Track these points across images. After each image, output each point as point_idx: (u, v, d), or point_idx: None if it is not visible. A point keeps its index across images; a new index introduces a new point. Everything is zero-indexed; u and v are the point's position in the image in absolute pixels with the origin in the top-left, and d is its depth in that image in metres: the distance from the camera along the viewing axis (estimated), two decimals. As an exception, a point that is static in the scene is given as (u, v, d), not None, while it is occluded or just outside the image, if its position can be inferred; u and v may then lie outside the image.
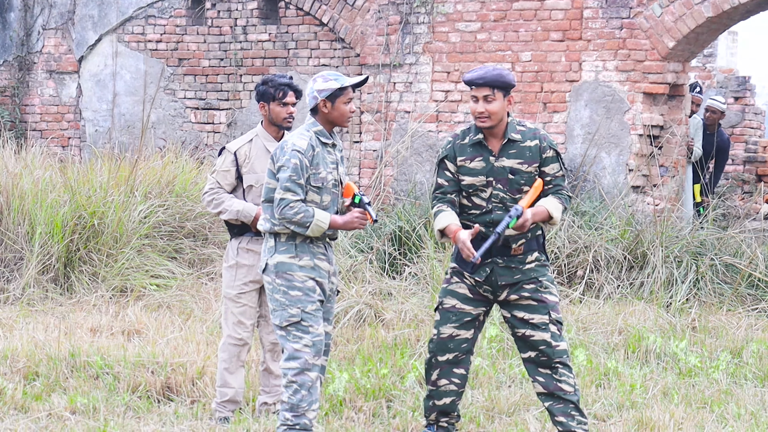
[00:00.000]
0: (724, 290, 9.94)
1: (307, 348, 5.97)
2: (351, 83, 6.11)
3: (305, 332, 5.98)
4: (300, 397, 5.96)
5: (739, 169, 17.33)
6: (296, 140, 6.03)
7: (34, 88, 15.25)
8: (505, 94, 6.09)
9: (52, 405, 6.86)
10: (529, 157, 6.11)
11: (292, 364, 5.97)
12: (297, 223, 5.96)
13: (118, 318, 9.06)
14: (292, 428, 5.99)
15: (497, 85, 6.06)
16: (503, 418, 6.80)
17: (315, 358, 5.99)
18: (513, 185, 6.10)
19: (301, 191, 5.97)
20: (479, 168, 6.13)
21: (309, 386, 5.97)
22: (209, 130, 14.22)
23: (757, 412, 6.91)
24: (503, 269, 6.14)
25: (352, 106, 6.15)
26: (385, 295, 9.58)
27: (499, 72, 6.08)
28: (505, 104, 6.09)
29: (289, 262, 6.03)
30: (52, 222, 10.05)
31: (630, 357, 8.24)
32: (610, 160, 11.65)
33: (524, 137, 6.14)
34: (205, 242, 11.02)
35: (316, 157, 6.04)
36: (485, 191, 6.13)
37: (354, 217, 6.11)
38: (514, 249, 6.13)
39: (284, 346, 6.01)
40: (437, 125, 12.60)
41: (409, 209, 11.25)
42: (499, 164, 6.11)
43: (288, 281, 6.01)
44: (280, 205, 5.95)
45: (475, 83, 6.08)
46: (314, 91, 6.09)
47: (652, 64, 11.47)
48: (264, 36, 13.85)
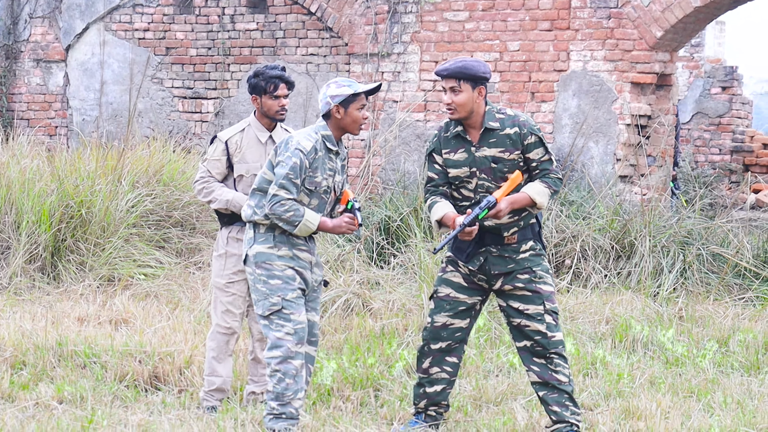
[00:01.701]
0: (711, 280, 9.96)
1: (289, 336, 6.00)
2: (365, 89, 6.12)
3: (287, 320, 6.01)
4: (285, 386, 5.98)
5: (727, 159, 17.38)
6: (302, 140, 6.05)
7: (21, 76, 15.20)
8: (473, 85, 6.05)
9: (39, 394, 6.85)
10: (509, 144, 6.09)
11: (275, 353, 6.00)
12: (286, 220, 5.99)
13: (105, 307, 9.04)
14: (278, 417, 6.01)
15: (462, 77, 6.03)
16: (491, 407, 6.81)
17: (298, 346, 6.01)
18: (496, 174, 6.09)
19: (295, 190, 5.99)
20: (462, 159, 6.12)
21: (293, 374, 5.99)
22: (197, 119, 14.20)
23: (743, 401, 6.93)
24: (496, 258, 6.13)
25: (365, 113, 6.16)
26: (373, 285, 9.58)
27: (464, 63, 6.04)
28: (474, 96, 6.05)
29: (267, 252, 6.07)
30: (40, 211, 10.03)
31: (617, 346, 8.26)
32: (598, 149, 11.66)
33: (503, 125, 6.10)
34: (192, 231, 11.01)
35: (316, 161, 6.06)
36: (471, 182, 6.12)
37: (343, 221, 6.14)
38: (506, 238, 6.12)
39: (267, 335, 6.05)
40: (425, 115, 12.59)
41: (397, 199, 11.25)
42: (480, 154, 6.10)
43: (267, 270, 6.05)
44: (272, 201, 5.97)
45: (440, 74, 6.08)
46: (327, 97, 6.10)
47: (640, 53, 11.48)
48: (252, 25, 13.82)
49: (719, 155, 17.32)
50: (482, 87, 6.07)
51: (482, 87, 6.07)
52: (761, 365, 7.89)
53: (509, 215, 6.08)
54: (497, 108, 6.16)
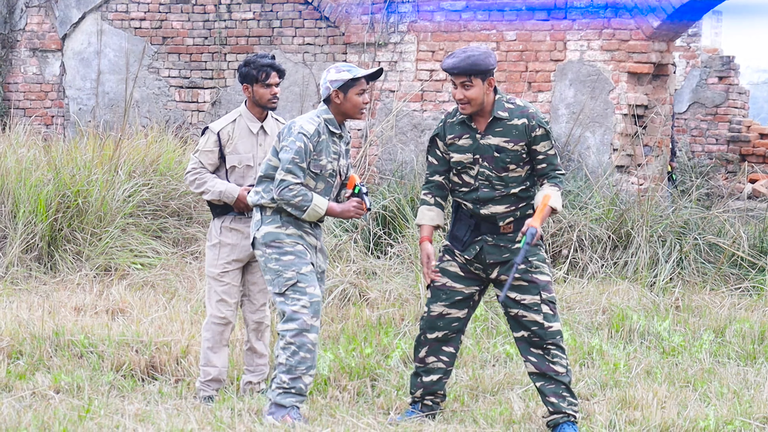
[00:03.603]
0: (708, 269, 9.97)
1: (305, 309, 6.00)
2: (364, 74, 6.13)
3: (302, 293, 6.02)
4: (299, 359, 5.97)
5: (723, 149, 17.38)
6: (304, 123, 6.07)
7: (17, 66, 15.17)
8: (483, 78, 6.06)
9: (36, 384, 6.85)
10: (515, 135, 6.08)
11: (291, 326, 5.99)
12: (295, 205, 6.01)
13: (102, 297, 9.04)
14: (287, 391, 5.99)
15: (473, 73, 6.04)
16: (487, 397, 6.82)
17: (313, 319, 6.01)
18: (498, 163, 6.08)
19: (302, 174, 6.01)
20: (466, 146, 6.12)
21: (308, 348, 5.99)
22: (193, 109, 14.18)
23: (739, 391, 6.94)
24: (492, 247, 6.13)
25: (366, 97, 6.17)
26: (370, 275, 9.59)
27: (473, 59, 6.02)
28: (484, 88, 6.05)
29: (276, 231, 6.09)
30: (36, 201, 10.02)
31: (614, 336, 8.27)
32: (595, 139, 11.66)
33: (512, 115, 6.10)
34: (189, 221, 11.00)
35: (320, 144, 6.08)
36: (473, 169, 6.12)
37: (351, 206, 6.18)
38: (502, 227, 6.12)
39: (283, 309, 6.03)
40: (422, 104, 12.59)
41: (394, 188, 11.25)
42: (485, 142, 6.10)
43: (278, 248, 6.07)
44: (280, 186, 5.99)
45: (450, 71, 6.07)
46: (327, 82, 6.13)
47: (637, 43, 11.47)
48: (248, 14, 13.80)
49: (716, 145, 17.32)
50: (491, 78, 6.07)
51: (491, 78, 6.07)
52: (757, 355, 7.90)
53: (506, 205, 6.08)
54: (507, 97, 6.15)
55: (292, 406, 6.02)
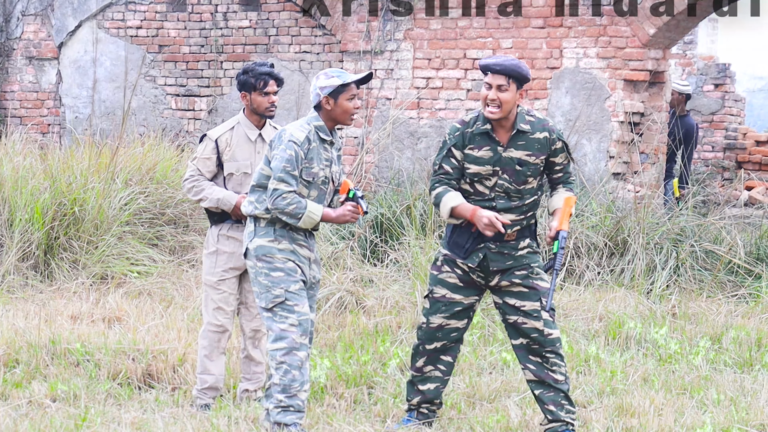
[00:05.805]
0: (704, 277, 9.97)
1: (294, 327, 5.99)
2: (353, 79, 6.12)
3: (290, 312, 6.00)
4: (291, 377, 5.96)
5: (719, 156, 17.39)
6: (295, 131, 6.05)
7: (14, 74, 15.17)
8: (519, 85, 6.05)
9: (33, 392, 6.85)
10: (537, 149, 6.07)
11: (280, 345, 5.98)
12: (289, 214, 5.98)
13: (98, 305, 9.03)
14: (286, 410, 5.99)
15: (514, 75, 6.02)
16: (484, 405, 6.81)
17: (302, 337, 6.00)
18: (519, 176, 6.06)
19: (294, 182, 5.99)
20: (486, 157, 6.07)
21: (299, 366, 5.98)
22: (190, 117, 14.18)
23: (736, 398, 6.94)
24: (496, 255, 6.12)
25: (356, 102, 6.16)
26: (367, 282, 9.59)
27: (517, 63, 6.03)
28: (517, 96, 6.05)
29: (268, 245, 6.06)
30: (32, 209, 10.01)
31: (610, 343, 8.27)
32: (591, 147, 11.67)
33: (533, 128, 6.09)
34: (186, 229, 11.00)
35: (311, 152, 6.06)
36: (490, 180, 6.08)
37: (347, 210, 6.13)
38: (507, 234, 6.10)
39: (270, 327, 6.01)
40: (418, 112, 12.59)
41: (391, 196, 11.25)
42: (507, 155, 6.06)
43: (269, 263, 6.04)
44: (273, 195, 5.97)
45: (491, 69, 6.02)
46: (317, 88, 6.11)
47: (633, 51, 11.49)
48: (245, 22, 13.81)
49: (712, 152, 17.32)
50: (524, 90, 6.07)
51: (524, 90, 6.07)
52: (754, 362, 7.91)
53: (517, 215, 6.08)
54: (526, 110, 6.14)
55: (293, 423, 6.01)
